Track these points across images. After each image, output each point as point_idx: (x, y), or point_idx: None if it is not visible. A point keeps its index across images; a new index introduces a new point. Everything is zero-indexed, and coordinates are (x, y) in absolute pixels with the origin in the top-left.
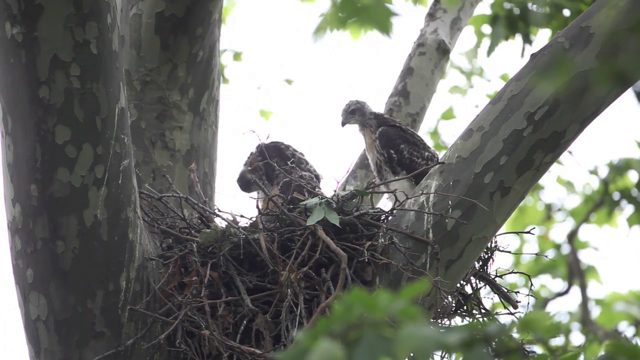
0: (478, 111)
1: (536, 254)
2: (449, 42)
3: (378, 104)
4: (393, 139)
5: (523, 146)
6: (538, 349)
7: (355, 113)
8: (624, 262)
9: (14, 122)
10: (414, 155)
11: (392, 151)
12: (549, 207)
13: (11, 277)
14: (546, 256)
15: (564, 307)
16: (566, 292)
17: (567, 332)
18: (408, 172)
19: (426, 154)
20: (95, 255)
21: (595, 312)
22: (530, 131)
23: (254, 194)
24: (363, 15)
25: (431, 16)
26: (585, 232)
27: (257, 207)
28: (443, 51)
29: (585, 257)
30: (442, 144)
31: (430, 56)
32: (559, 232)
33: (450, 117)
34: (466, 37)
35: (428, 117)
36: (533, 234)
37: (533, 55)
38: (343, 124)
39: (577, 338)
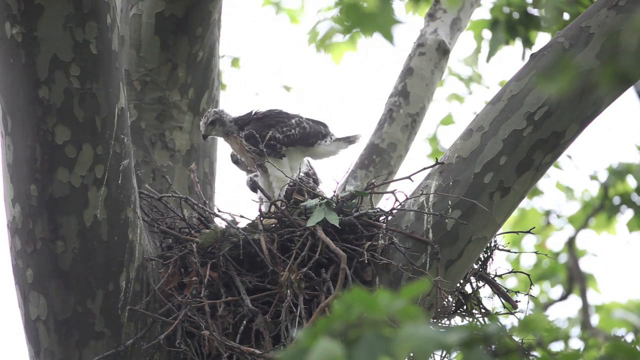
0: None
1: (536, 252)
2: (449, 42)
3: (378, 105)
4: (259, 133)
5: (523, 146)
6: (537, 353)
7: (215, 124)
8: (622, 270)
9: (13, 122)
10: (285, 131)
11: (270, 142)
12: (547, 214)
13: (11, 277)
14: (546, 255)
15: (563, 313)
16: (565, 297)
17: (566, 338)
18: (293, 145)
19: (293, 121)
20: (95, 255)
21: (594, 319)
22: (530, 131)
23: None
24: (368, 23)
25: (431, 16)
26: (584, 240)
27: (260, 210)
28: (443, 51)
29: (583, 265)
30: (441, 149)
31: (430, 56)
32: (557, 241)
33: (449, 122)
34: (465, 43)
35: (427, 123)
36: (533, 234)
37: (533, 55)
38: (204, 137)
39: (577, 344)
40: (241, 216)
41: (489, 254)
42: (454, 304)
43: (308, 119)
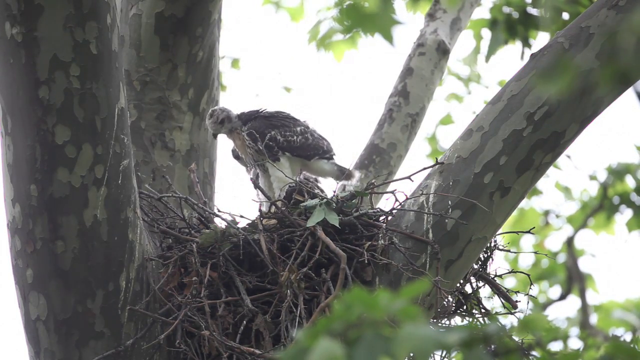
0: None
1: (536, 252)
2: (449, 42)
3: (378, 105)
4: (262, 130)
5: (523, 146)
6: (536, 353)
7: (224, 122)
8: (620, 270)
9: (13, 122)
10: (287, 135)
11: (268, 142)
12: (546, 214)
13: (11, 277)
14: (546, 254)
15: (562, 313)
16: (564, 297)
17: (565, 337)
18: (290, 153)
19: (298, 128)
20: (95, 255)
21: (593, 319)
22: (530, 131)
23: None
24: (368, 23)
25: (431, 16)
26: (582, 240)
27: (260, 210)
28: (443, 51)
29: (582, 265)
30: (440, 149)
31: (430, 56)
32: (556, 241)
33: (448, 122)
34: (465, 42)
35: (426, 122)
36: (533, 234)
37: (533, 55)
38: (215, 136)
39: (575, 344)
40: (241, 216)
41: (489, 254)
42: (454, 304)
43: (314, 131)
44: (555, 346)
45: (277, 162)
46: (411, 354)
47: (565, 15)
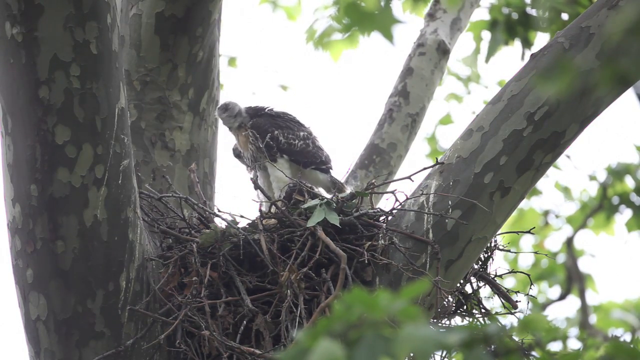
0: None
1: (536, 252)
2: (449, 42)
3: (378, 105)
4: (265, 128)
5: (523, 146)
6: (536, 353)
7: (237, 116)
8: (620, 270)
9: (13, 122)
10: (289, 138)
11: (269, 141)
12: (546, 214)
13: (11, 277)
14: (545, 255)
15: (561, 313)
16: (563, 297)
17: (564, 337)
18: (288, 156)
19: (301, 133)
20: (95, 255)
21: (592, 319)
22: (530, 131)
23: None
24: (367, 22)
25: (431, 16)
26: (581, 240)
27: (260, 210)
28: (443, 51)
29: (581, 265)
30: (440, 149)
31: (430, 56)
32: (555, 241)
33: (447, 122)
34: (464, 43)
35: (426, 122)
36: (533, 234)
37: (533, 55)
38: (230, 129)
39: (575, 344)
40: (241, 216)
41: (489, 254)
42: (454, 304)
43: (316, 139)
44: (555, 346)
45: (275, 163)
46: (411, 354)
47: (565, 16)
